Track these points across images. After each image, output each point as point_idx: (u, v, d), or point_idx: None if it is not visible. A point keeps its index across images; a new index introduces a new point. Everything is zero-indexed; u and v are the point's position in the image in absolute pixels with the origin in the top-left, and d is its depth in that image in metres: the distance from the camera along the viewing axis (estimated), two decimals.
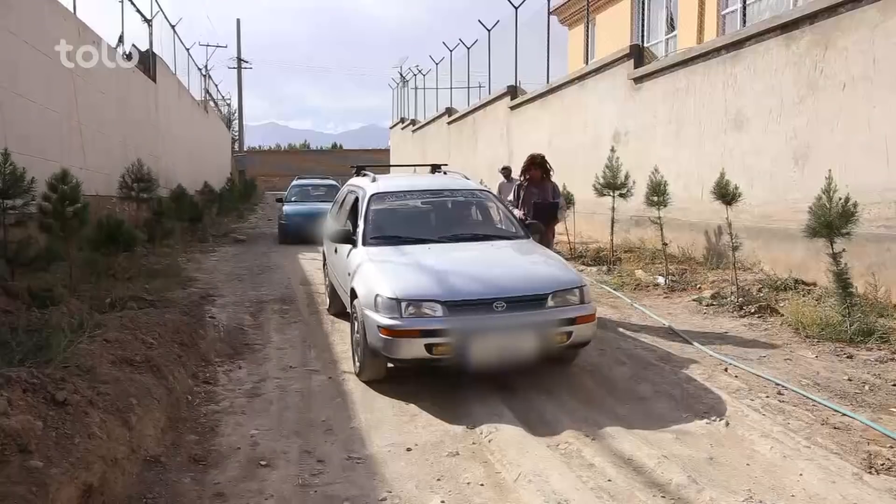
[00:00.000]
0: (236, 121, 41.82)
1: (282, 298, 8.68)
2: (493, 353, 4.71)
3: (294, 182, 18.38)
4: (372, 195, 6.33)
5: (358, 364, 5.29)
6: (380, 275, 5.08)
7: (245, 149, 43.25)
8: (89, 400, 3.71)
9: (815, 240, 6.44)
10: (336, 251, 6.61)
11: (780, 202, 8.25)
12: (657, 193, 8.86)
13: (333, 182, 18.25)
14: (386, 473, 3.71)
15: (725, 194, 7.77)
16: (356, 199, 6.64)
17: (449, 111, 24.18)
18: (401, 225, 6.26)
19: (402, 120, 33.59)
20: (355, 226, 6.16)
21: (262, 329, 7.11)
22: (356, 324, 5.25)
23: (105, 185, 12.11)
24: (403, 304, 4.70)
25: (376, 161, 44.02)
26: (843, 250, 6.25)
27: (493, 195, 7.20)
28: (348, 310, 5.86)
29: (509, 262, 5.64)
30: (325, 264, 8.21)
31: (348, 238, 6.03)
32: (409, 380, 5.11)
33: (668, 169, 9.47)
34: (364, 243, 5.81)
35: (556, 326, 4.85)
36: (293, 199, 16.72)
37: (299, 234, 14.17)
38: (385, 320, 4.71)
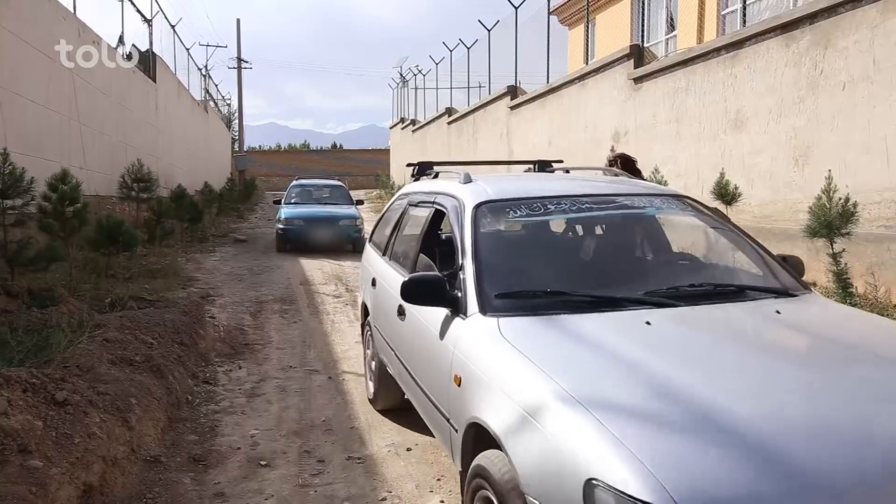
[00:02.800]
0: (236, 121, 41.88)
1: (282, 298, 8.69)
2: None
3: (293, 182, 16.47)
4: (478, 206, 3.28)
5: None
6: (588, 424, 1.98)
7: (245, 149, 43.23)
8: (89, 400, 3.72)
9: (815, 240, 6.44)
10: (403, 313, 3.55)
11: (780, 202, 8.24)
12: None
13: (339, 183, 17.04)
14: (386, 473, 3.71)
15: (725, 194, 7.77)
16: (436, 216, 3.93)
17: (449, 111, 24.16)
18: (555, 269, 3.23)
19: (402, 120, 33.56)
20: (449, 268, 3.23)
21: (262, 329, 7.12)
22: None
23: (105, 185, 12.12)
24: None
25: (377, 161, 43.49)
26: (843, 250, 6.26)
27: (696, 202, 3.99)
28: (439, 440, 3.24)
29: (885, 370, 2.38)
30: (364, 323, 4.99)
31: (437, 293, 2.98)
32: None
33: (668, 169, 9.47)
34: (483, 309, 2.78)
35: None
36: (293, 200, 15.08)
37: (300, 240, 13.31)
38: None
